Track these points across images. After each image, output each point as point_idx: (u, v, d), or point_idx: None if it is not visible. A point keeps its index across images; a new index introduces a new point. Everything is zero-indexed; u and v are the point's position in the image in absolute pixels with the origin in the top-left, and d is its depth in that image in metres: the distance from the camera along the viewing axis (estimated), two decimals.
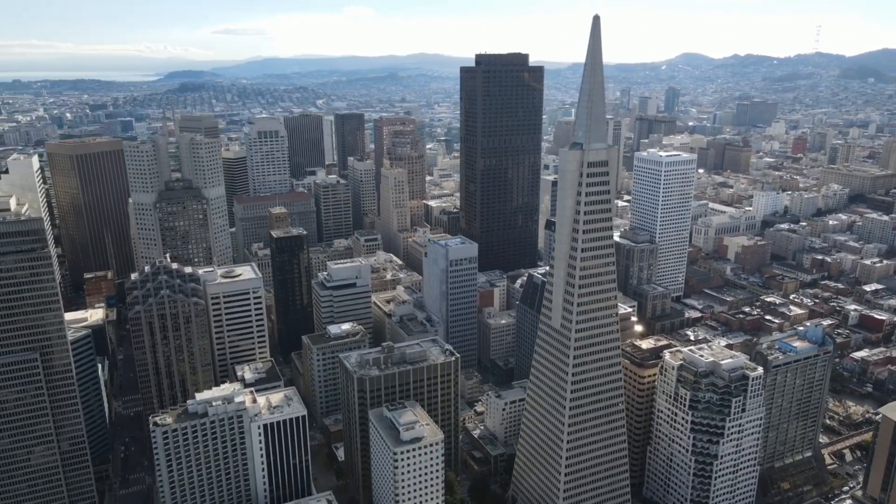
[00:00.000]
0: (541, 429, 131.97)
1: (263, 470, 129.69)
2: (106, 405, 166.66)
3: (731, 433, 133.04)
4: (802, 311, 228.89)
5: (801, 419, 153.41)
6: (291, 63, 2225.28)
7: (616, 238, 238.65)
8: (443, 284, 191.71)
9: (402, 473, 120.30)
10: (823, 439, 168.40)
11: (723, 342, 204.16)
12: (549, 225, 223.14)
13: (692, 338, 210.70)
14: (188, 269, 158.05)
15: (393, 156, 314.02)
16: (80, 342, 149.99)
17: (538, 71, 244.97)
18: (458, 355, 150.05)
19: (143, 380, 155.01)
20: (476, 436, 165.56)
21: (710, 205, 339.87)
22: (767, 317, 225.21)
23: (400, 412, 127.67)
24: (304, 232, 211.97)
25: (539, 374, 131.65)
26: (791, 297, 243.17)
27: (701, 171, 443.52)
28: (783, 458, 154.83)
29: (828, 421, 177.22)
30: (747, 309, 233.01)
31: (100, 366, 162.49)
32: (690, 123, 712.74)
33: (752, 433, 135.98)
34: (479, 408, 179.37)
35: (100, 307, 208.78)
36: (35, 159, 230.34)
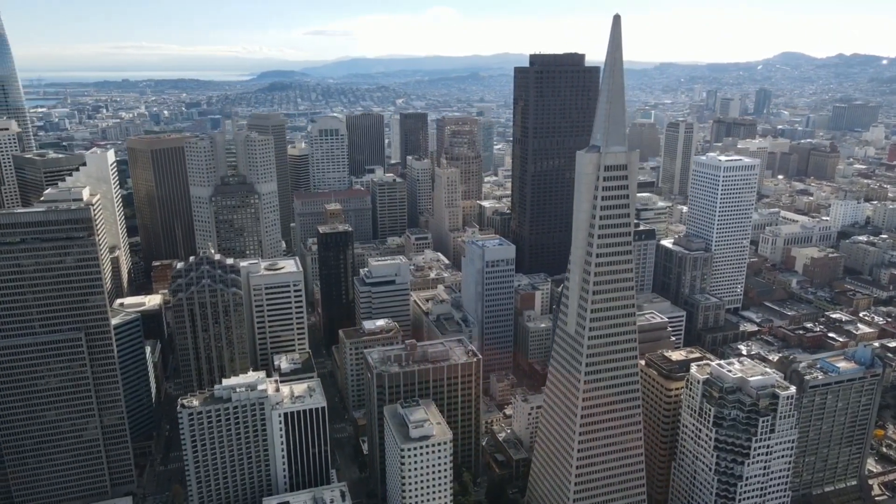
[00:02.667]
0: (554, 436, 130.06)
1: (283, 456, 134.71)
2: (154, 386, 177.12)
3: (758, 454, 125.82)
4: (871, 330, 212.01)
5: (844, 445, 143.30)
6: (377, 63, 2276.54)
7: (668, 244, 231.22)
8: (479, 285, 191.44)
9: (409, 470, 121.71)
10: (875, 468, 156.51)
11: (776, 358, 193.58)
12: None
13: (744, 352, 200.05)
14: (230, 261, 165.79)
15: (450, 155, 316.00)
16: (128, 325, 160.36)
17: (593, 72, 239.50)
18: (481, 356, 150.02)
19: (184, 364, 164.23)
20: (501, 438, 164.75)
21: (783, 213, 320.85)
22: (831, 334, 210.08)
23: (412, 409, 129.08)
24: (350, 228, 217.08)
25: (554, 379, 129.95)
26: (861, 315, 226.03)
27: (780, 177, 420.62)
28: (823, 486, 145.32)
29: (884, 449, 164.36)
30: (809, 325, 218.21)
31: (148, 348, 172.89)
32: (780, 127, 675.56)
33: (783, 456, 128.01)
34: (509, 410, 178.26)
35: (162, 293, 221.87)
36: (111, 153, 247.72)
